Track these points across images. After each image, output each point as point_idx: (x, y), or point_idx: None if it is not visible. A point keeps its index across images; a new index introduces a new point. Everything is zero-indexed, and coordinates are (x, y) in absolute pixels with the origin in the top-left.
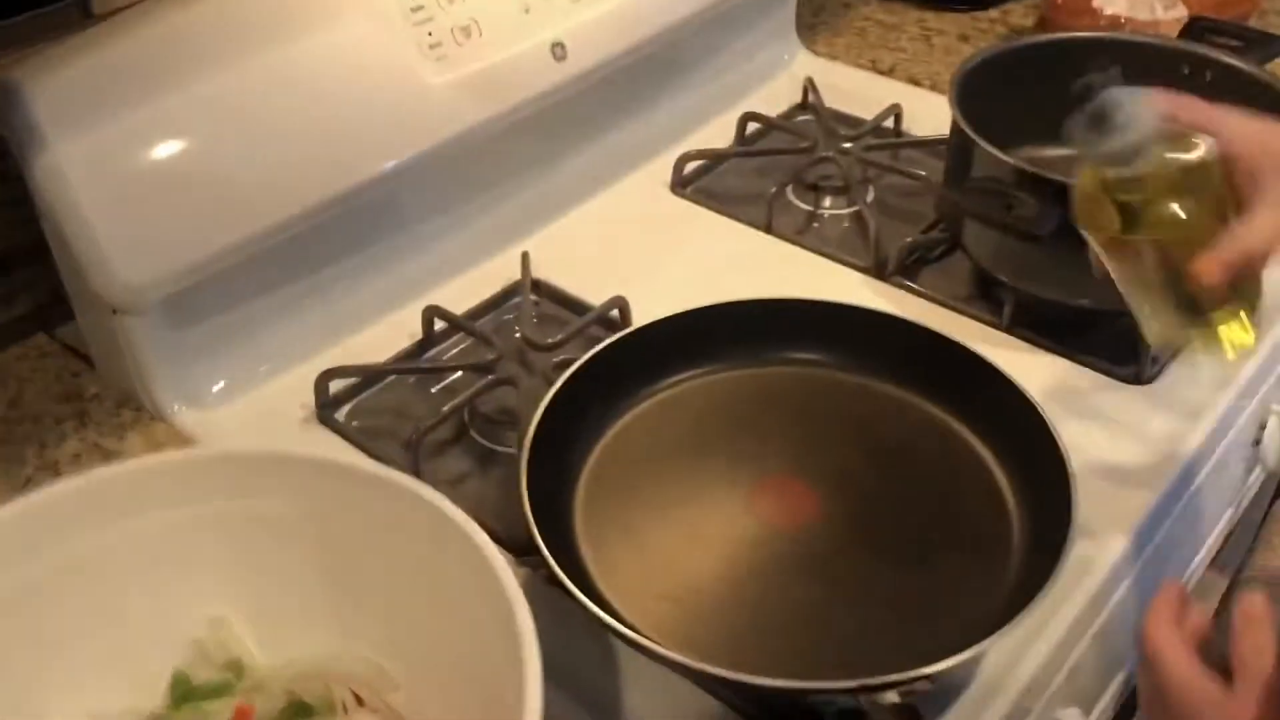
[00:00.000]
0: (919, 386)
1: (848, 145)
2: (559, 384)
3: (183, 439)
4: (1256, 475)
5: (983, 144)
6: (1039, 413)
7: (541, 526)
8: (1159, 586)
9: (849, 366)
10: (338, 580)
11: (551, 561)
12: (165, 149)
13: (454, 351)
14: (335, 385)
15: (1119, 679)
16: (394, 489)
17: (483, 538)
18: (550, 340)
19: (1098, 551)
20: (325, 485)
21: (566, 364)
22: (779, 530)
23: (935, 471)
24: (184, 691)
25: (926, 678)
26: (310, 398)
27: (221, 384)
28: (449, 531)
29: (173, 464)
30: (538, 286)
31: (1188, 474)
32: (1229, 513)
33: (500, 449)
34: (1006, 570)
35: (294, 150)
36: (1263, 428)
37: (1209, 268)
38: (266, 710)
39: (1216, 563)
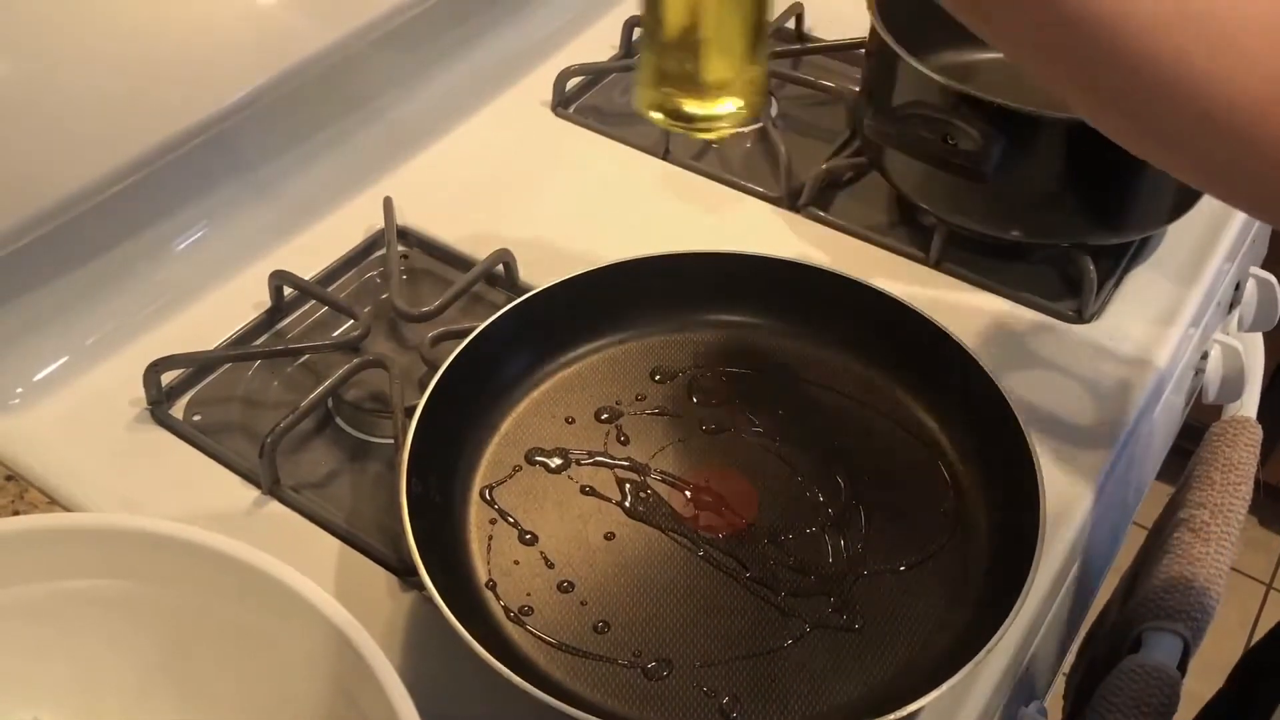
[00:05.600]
0: (862, 351)
1: None
2: (439, 375)
3: None
4: (1193, 403)
5: (913, 62)
6: (1004, 400)
7: (429, 556)
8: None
9: (779, 328)
10: (177, 665)
11: (445, 609)
12: None
13: (310, 321)
14: (170, 375)
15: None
16: (225, 559)
17: (334, 608)
18: (425, 309)
19: (1058, 529)
20: (147, 558)
21: (445, 338)
22: (711, 539)
23: (880, 457)
24: None
25: None
26: (141, 390)
27: (30, 381)
28: (292, 599)
29: None
30: (404, 236)
31: (1140, 423)
32: (1169, 443)
33: (374, 440)
34: (966, 571)
35: (101, 96)
36: (1205, 357)
37: None
38: None
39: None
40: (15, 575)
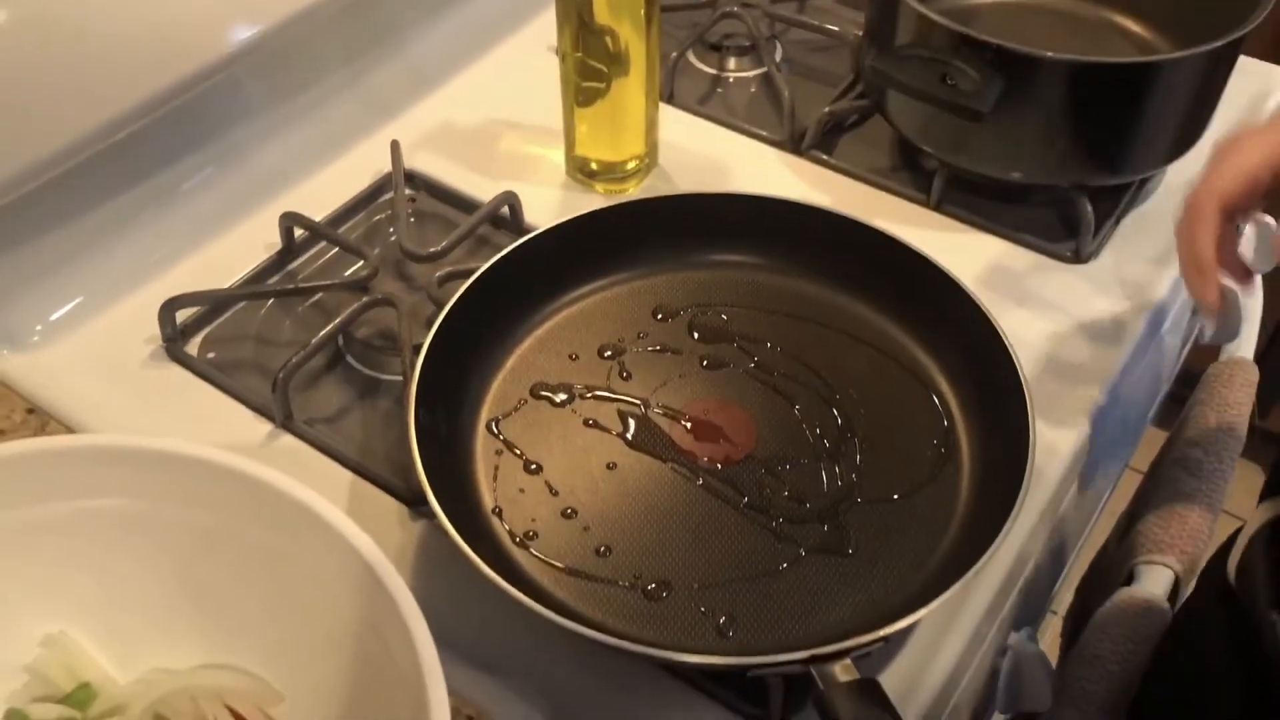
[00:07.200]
0: (861, 290)
1: None
2: (445, 311)
3: (2, 388)
4: (1190, 346)
5: (913, 4)
6: (999, 335)
7: (437, 483)
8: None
9: (780, 267)
10: (197, 583)
11: (453, 532)
12: None
13: (320, 262)
14: (184, 314)
15: (1059, 583)
16: (245, 479)
17: (352, 529)
18: (432, 249)
19: (1049, 461)
20: (169, 478)
21: (452, 277)
22: (710, 468)
23: (875, 392)
24: None
25: (883, 639)
26: (156, 328)
27: (48, 319)
28: (311, 521)
29: None
30: (412, 180)
31: (1134, 360)
32: (1165, 387)
33: (383, 377)
34: (957, 500)
35: (108, 40)
36: None
37: None
38: None
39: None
40: (41, 493)
